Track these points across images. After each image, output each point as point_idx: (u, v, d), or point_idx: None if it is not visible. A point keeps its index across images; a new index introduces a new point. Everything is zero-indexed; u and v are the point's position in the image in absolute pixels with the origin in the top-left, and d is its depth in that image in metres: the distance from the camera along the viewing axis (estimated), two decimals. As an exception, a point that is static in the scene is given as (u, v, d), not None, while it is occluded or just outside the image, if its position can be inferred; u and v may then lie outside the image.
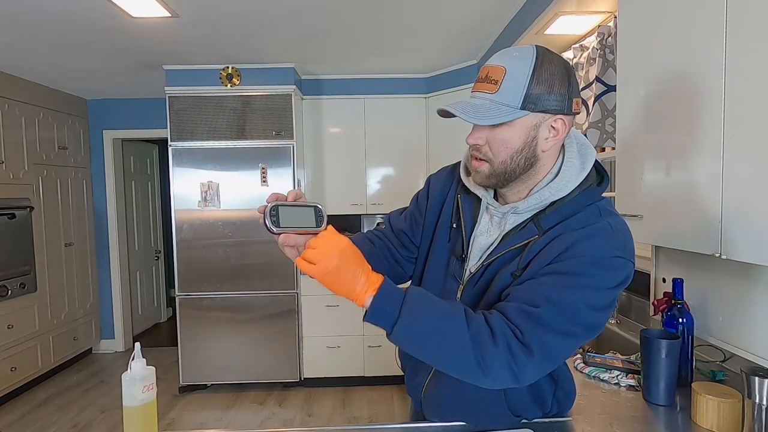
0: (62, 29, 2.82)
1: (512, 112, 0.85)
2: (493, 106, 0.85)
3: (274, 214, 0.86)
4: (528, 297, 0.84)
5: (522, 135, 0.87)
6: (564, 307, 0.82)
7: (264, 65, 3.67)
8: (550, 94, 0.85)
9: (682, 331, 1.33)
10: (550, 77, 0.85)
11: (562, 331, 0.82)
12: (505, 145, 0.88)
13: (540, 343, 0.81)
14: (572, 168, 0.91)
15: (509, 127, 0.87)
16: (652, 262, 1.75)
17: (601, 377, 1.41)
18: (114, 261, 4.80)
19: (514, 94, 0.84)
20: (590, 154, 0.93)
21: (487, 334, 0.81)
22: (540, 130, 0.88)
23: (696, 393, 1.12)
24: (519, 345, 0.81)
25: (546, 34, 2.46)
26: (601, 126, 2.14)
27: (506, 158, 0.89)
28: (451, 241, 1.03)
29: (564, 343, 0.83)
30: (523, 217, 0.94)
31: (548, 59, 0.86)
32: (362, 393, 3.74)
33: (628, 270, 0.85)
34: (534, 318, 0.81)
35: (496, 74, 0.85)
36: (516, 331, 0.82)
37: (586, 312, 0.83)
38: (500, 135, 0.88)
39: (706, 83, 1.14)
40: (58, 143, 4.23)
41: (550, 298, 0.82)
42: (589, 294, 0.83)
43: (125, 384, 0.92)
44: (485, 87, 0.87)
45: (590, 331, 0.85)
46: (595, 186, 0.93)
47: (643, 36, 1.42)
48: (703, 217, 1.15)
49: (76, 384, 4.04)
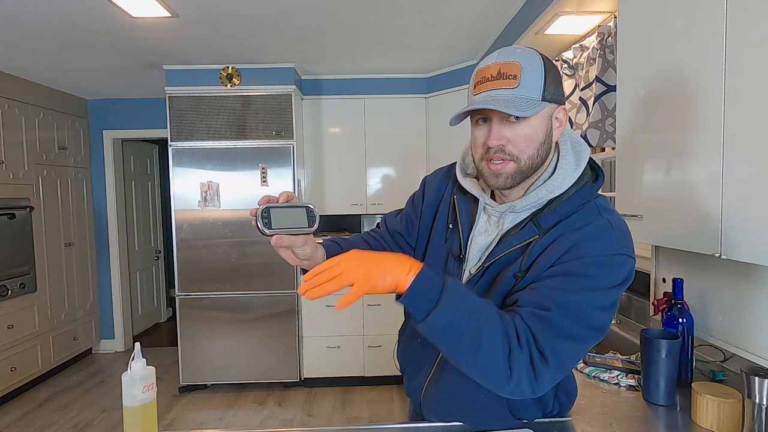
0: (62, 29, 2.82)
1: (537, 104, 0.86)
2: (518, 101, 0.85)
3: (265, 216, 0.86)
4: (537, 301, 0.83)
5: (543, 126, 0.89)
6: (573, 310, 0.81)
7: (264, 65, 3.67)
8: (556, 85, 0.89)
9: (682, 331, 1.33)
10: (554, 69, 0.89)
11: (574, 336, 0.82)
12: (531, 139, 0.88)
13: (554, 349, 0.81)
14: (567, 165, 0.92)
15: (530, 121, 0.87)
16: (652, 262, 1.75)
17: (601, 377, 1.41)
18: (114, 261, 4.80)
19: (535, 86, 0.86)
20: (584, 152, 0.94)
21: (514, 335, 0.80)
22: (552, 120, 0.90)
23: (696, 393, 1.12)
24: (537, 352, 0.81)
25: (546, 34, 2.46)
26: (601, 126, 2.14)
27: (533, 152, 0.89)
28: (448, 242, 1.03)
29: (576, 348, 0.83)
30: (521, 216, 0.94)
31: (543, 54, 0.90)
32: (362, 393, 3.74)
33: (630, 266, 0.86)
34: (546, 322, 0.81)
35: (513, 70, 0.86)
36: (531, 337, 0.81)
37: (595, 313, 0.83)
38: (524, 130, 0.87)
39: (706, 83, 1.14)
40: (58, 143, 4.23)
41: (559, 302, 0.82)
42: (595, 294, 0.83)
43: (125, 384, 0.92)
44: (503, 83, 0.86)
45: (599, 332, 0.85)
46: (590, 183, 0.93)
47: (643, 36, 1.42)
48: (703, 217, 1.15)
49: (76, 384, 4.04)
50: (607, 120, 2.13)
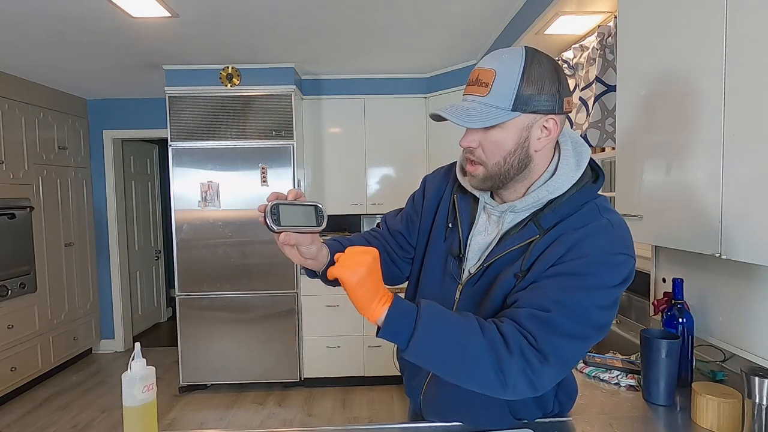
0: (62, 29, 2.82)
1: (503, 114, 0.85)
2: (484, 109, 0.86)
3: (275, 212, 0.85)
4: (537, 302, 0.83)
5: (514, 137, 0.88)
6: (574, 310, 0.82)
7: (264, 65, 3.67)
8: (540, 94, 0.85)
9: (682, 331, 1.33)
10: (539, 78, 0.85)
11: (575, 334, 0.82)
12: (498, 147, 0.88)
13: (554, 347, 0.81)
14: (568, 166, 0.92)
15: (501, 129, 0.87)
16: (652, 262, 1.75)
17: (601, 377, 1.41)
18: (114, 261, 4.80)
19: (505, 96, 0.85)
20: (585, 153, 0.94)
21: (501, 342, 0.81)
22: (532, 130, 0.88)
23: (696, 393, 1.12)
24: (533, 351, 0.81)
25: (546, 34, 2.46)
26: (601, 126, 2.14)
27: (500, 160, 0.89)
28: (448, 241, 1.03)
29: (577, 346, 0.84)
30: (521, 215, 0.94)
31: (537, 59, 0.86)
32: (362, 393, 3.74)
33: (630, 266, 0.86)
34: (546, 323, 0.81)
35: (486, 77, 0.86)
36: (529, 337, 0.82)
37: (596, 312, 0.83)
38: (493, 137, 0.88)
39: (705, 83, 1.14)
40: (58, 143, 4.23)
41: (560, 301, 0.82)
42: (596, 294, 0.83)
43: (125, 384, 0.92)
44: (476, 90, 0.87)
45: (601, 331, 0.85)
46: (591, 183, 0.93)
47: (642, 36, 1.42)
48: (702, 216, 1.15)
49: (76, 384, 4.04)
50: (607, 120, 2.13)
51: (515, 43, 2.68)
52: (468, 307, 0.96)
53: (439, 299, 0.97)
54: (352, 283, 0.79)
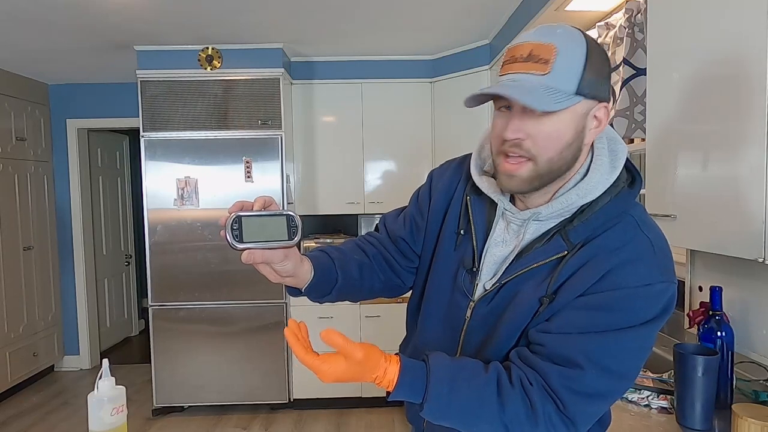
0: (20, 4, 2.81)
1: (568, 98, 0.82)
2: (546, 91, 0.81)
3: (235, 226, 0.81)
4: (566, 354, 0.83)
5: (573, 125, 0.84)
6: (609, 364, 0.82)
7: (248, 46, 3.67)
8: (600, 78, 0.85)
9: (720, 345, 1.33)
10: (601, 59, 0.85)
11: (606, 392, 0.84)
12: (555, 138, 0.84)
13: (584, 413, 0.84)
14: (602, 167, 0.89)
15: (558, 117, 0.82)
16: (687, 268, 1.75)
17: (630, 398, 1.41)
18: (79, 267, 4.80)
19: (570, 77, 0.82)
20: (621, 151, 0.91)
21: (525, 415, 0.83)
22: (588, 119, 0.86)
23: (737, 416, 1.12)
24: (560, 417, 0.83)
25: (567, 10, 2.46)
26: (629, 114, 2.14)
27: (554, 154, 0.85)
28: (459, 251, 1.00)
29: (607, 403, 0.87)
30: (546, 225, 0.91)
31: (592, 38, 0.86)
32: (359, 416, 3.74)
33: (671, 292, 0.85)
34: (577, 384, 0.82)
35: (546, 53, 0.81)
36: (558, 403, 0.83)
37: (633, 357, 0.85)
38: (548, 126, 0.83)
39: (752, 65, 1.14)
40: (16, 134, 4.23)
41: (592, 357, 0.82)
42: (632, 333, 0.83)
43: (91, 406, 0.92)
44: (531, 67, 0.82)
45: (632, 380, 0.87)
46: (626, 189, 0.90)
47: (677, 12, 1.42)
48: (744, 217, 1.15)
49: (36, 406, 4.04)
50: (636, 107, 2.13)
51: (533, 22, 2.68)
52: (481, 328, 0.95)
53: (447, 316, 0.96)
54: (347, 379, 0.87)
